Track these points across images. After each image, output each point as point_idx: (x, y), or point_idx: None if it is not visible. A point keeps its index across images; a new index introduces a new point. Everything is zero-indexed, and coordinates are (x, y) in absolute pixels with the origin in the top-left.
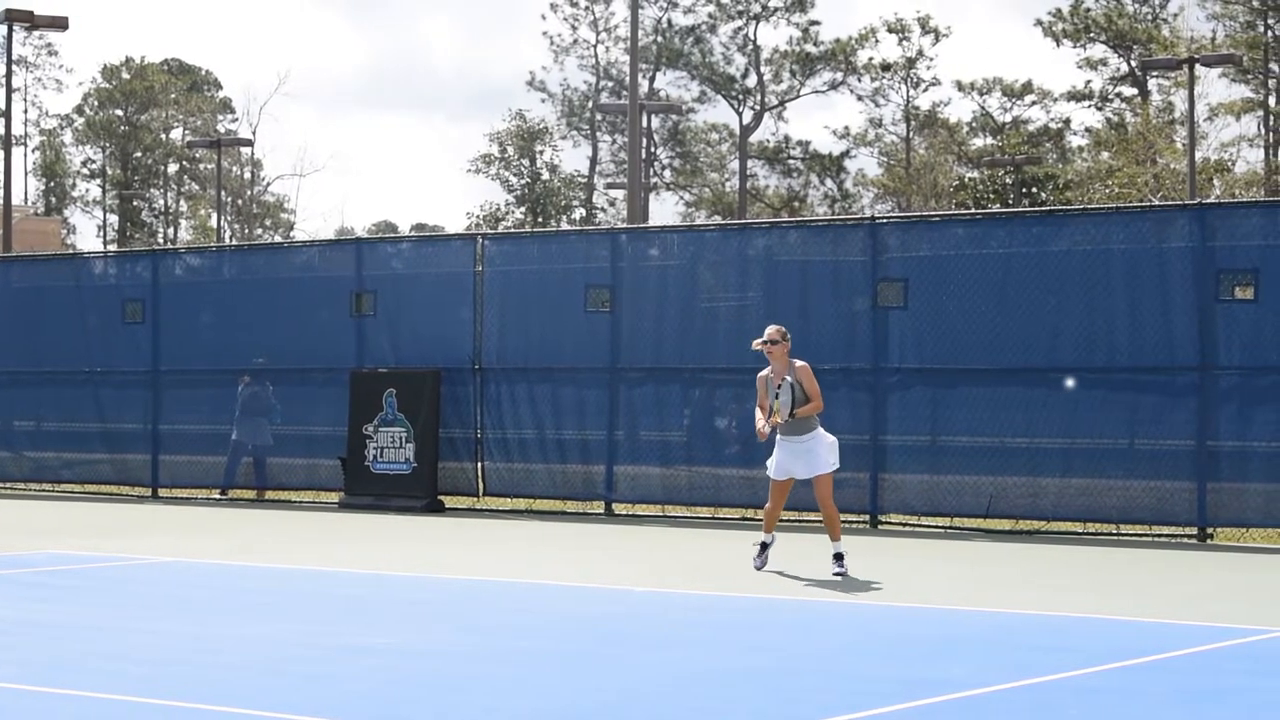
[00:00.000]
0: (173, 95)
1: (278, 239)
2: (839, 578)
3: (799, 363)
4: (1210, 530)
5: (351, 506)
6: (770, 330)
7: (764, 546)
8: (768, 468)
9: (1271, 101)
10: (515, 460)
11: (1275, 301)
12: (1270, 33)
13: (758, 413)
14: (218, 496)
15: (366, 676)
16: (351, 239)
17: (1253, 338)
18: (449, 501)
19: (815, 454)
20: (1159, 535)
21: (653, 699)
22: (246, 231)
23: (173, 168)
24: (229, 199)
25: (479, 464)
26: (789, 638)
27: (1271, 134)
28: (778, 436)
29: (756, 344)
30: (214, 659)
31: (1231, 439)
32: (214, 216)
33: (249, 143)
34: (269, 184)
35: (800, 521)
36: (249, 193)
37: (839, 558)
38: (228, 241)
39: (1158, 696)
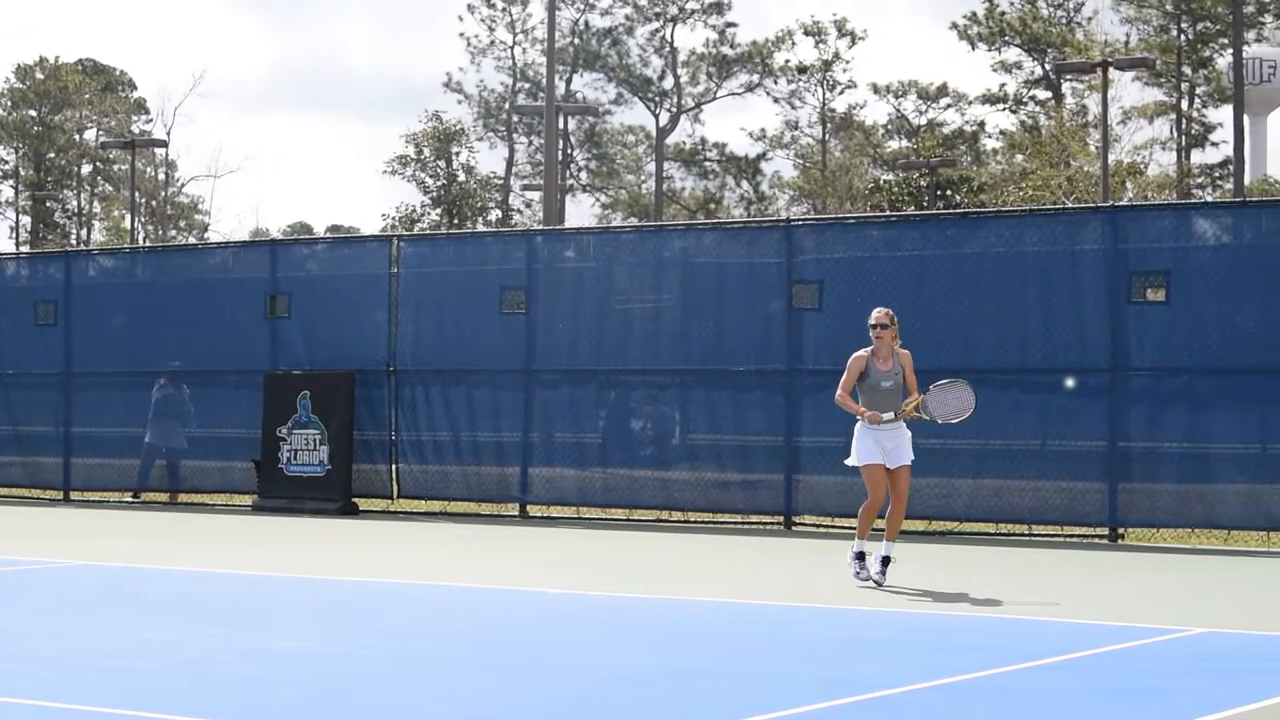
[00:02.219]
0: (87, 96)
1: (192, 240)
2: (874, 585)
3: (905, 350)
4: (1121, 530)
5: (265, 509)
6: (881, 313)
7: (862, 556)
8: (856, 456)
9: (1184, 105)
10: (430, 462)
11: (1186, 303)
12: (1183, 37)
13: (850, 402)
14: (130, 499)
15: (278, 680)
16: (266, 240)
17: (1164, 339)
18: (363, 504)
19: (905, 444)
20: (1070, 536)
21: (569, 701)
22: (160, 233)
23: (86, 169)
24: (143, 200)
25: (393, 466)
26: (705, 639)
27: (1184, 137)
28: (861, 425)
29: (874, 321)
30: (123, 662)
31: (1142, 440)
32: (128, 218)
33: (163, 143)
34: (183, 185)
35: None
36: (163, 194)
37: (887, 562)
38: (141, 243)
39: (1068, 696)
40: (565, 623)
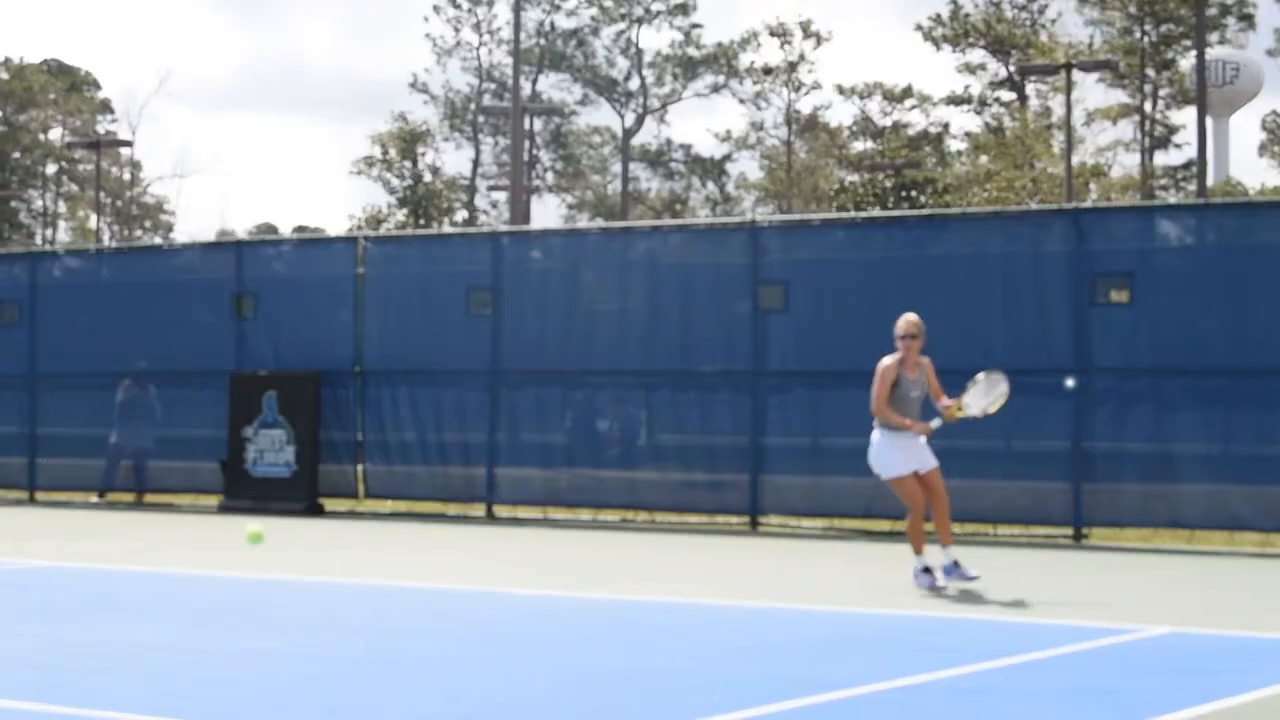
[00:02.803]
0: (51, 96)
1: (157, 241)
2: (969, 580)
3: (925, 358)
4: (1086, 530)
5: (231, 509)
6: (911, 323)
7: (929, 570)
8: (887, 468)
9: (1148, 107)
10: (396, 463)
11: (1149, 304)
12: (1146, 39)
13: (895, 415)
14: (96, 500)
15: (245, 681)
16: (232, 241)
17: (1127, 340)
18: (329, 504)
19: (924, 446)
20: (1035, 535)
21: (536, 702)
22: (126, 233)
23: (51, 168)
24: (108, 200)
25: (359, 467)
26: (671, 639)
27: (1147, 139)
28: (886, 432)
29: (904, 331)
30: (89, 663)
31: (1106, 440)
32: (93, 218)
33: (128, 143)
34: (149, 185)
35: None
36: (128, 194)
37: (957, 565)
38: (107, 243)
39: (1033, 696)
40: (531, 623)
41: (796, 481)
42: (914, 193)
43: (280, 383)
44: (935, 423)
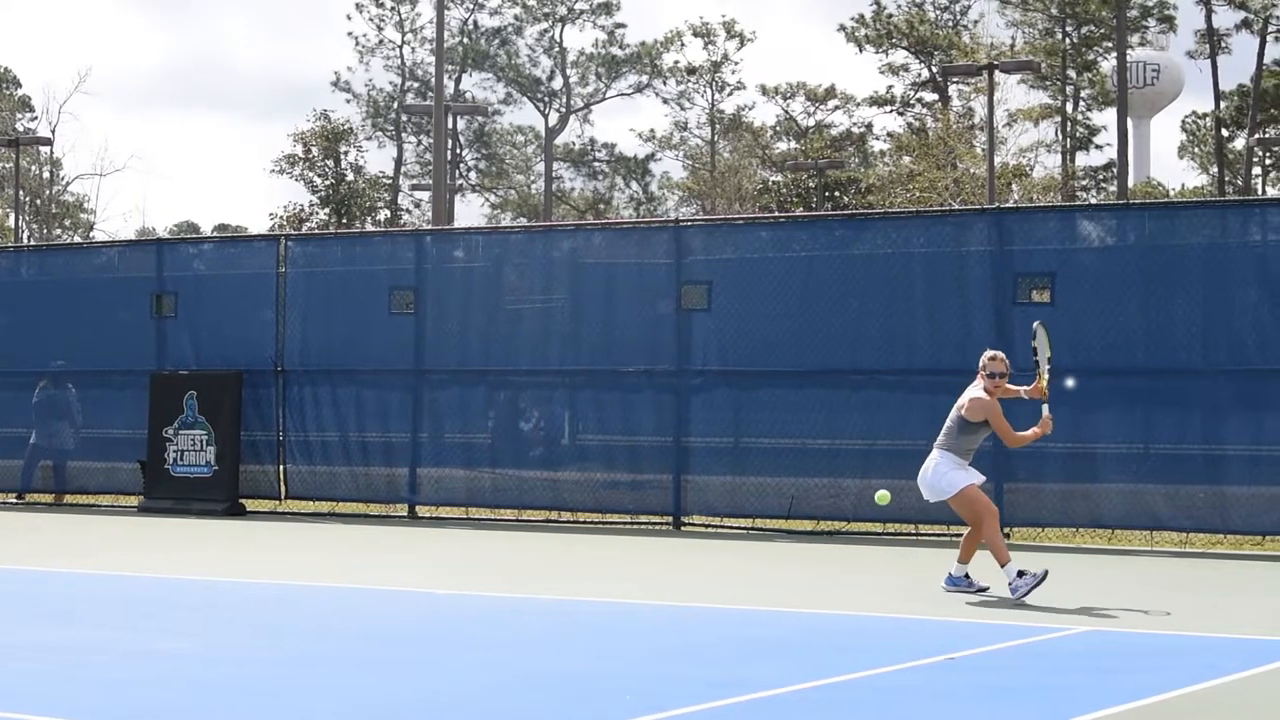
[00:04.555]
0: None
1: (77, 239)
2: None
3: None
4: (1007, 530)
5: (151, 510)
6: (1004, 363)
7: (1022, 571)
8: (955, 484)
9: (1069, 108)
10: (318, 463)
11: (1070, 305)
12: (1068, 40)
13: (1025, 433)
14: (14, 501)
15: (163, 682)
16: (152, 239)
17: (1049, 340)
18: (250, 505)
19: None
20: (956, 535)
21: (457, 703)
22: (45, 232)
23: None
24: (27, 199)
25: (281, 467)
26: (593, 640)
27: (1069, 140)
28: (947, 454)
29: (999, 370)
30: (3, 665)
31: None
32: (11, 216)
33: (48, 141)
34: (68, 183)
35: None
36: (48, 192)
37: (968, 577)
38: (26, 242)
39: (953, 695)
40: (452, 624)
41: (719, 481)
42: (837, 193)
43: (201, 382)
44: (1046, 411)
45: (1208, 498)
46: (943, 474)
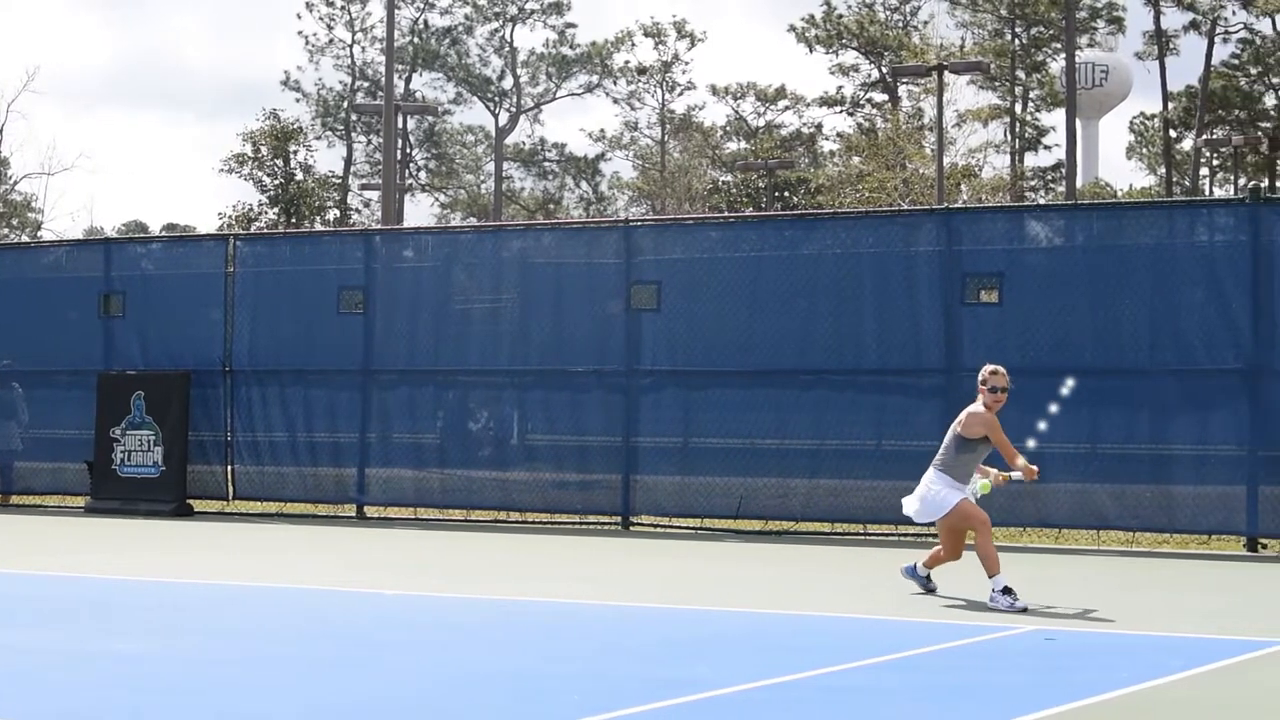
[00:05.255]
0: None
1: (25, 239)
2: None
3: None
4: None
5: (98, 510)
6: (1007, 379)
7: (1008, 589)
8: (947, 502)
9: (1018, 109)
10: (266, 463)
11: (1018, 305)
12: (1017, 41)
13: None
14: None
15: (110, 684)
16: (100, 239)
17: (996, 340)
18: (198, 505)
19: None
20: (905, 535)
21: (403, 703)
22: None
23: None
24: None
25: (229, 467)
26: (540, 640)
27: (1018, 140)
28: (942, 474)
29: (1000, 385)
30: None
31: None
32: None
33: None
34: (16, 182)
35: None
36: None
37: (929, 579)
38: None
39: (900, 694)
40: (400, 624)
41: (668, 481)
42: (787, 193)
43: (149, 382)
44: (1020, 461)
45: (1154, 497)
46: (936, 494)
